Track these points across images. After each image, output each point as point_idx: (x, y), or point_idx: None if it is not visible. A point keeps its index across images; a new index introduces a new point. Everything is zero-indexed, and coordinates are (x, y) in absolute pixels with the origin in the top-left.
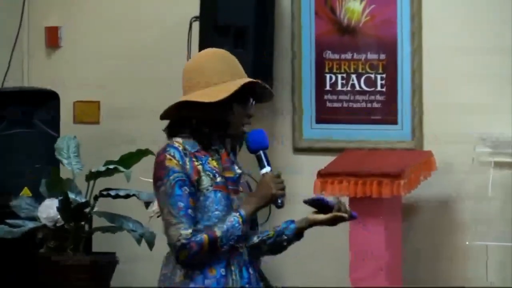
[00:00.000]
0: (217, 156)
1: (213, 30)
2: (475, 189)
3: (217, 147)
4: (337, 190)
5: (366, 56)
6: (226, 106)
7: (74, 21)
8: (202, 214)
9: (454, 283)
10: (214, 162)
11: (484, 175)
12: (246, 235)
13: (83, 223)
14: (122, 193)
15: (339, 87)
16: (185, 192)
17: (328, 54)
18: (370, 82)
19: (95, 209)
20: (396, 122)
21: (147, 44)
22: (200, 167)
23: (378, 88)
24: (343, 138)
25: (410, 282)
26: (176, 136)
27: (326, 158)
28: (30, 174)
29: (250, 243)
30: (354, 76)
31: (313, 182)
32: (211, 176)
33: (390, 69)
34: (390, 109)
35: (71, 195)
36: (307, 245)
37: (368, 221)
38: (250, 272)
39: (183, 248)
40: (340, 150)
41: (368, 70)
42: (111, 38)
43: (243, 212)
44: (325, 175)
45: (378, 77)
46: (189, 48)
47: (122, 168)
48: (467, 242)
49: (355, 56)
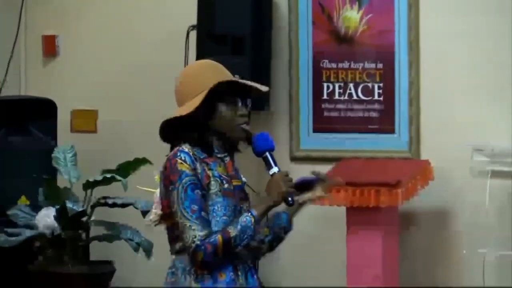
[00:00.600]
0: (223, 164)
1: (210, 38)
2: (472, 198)
3: (222, 156)
4: (334, 199)
5: (363, 65)
6: (211, 110)
7: (72, 29)
8: (209, 218)
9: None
10: (221, 169)
11: (481, 184)
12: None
13: (81, 232)
14: (119, 201)
15: (336, 96)
16: (198, 194)
17: (325, 63)
18: (368, 91)
19: (93, 218)
20: (393, 131)
21: (145, 52)
22: (210, 172)
23: (376, 97)
24: (340, 147)
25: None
26: (180, 144)
27: (323, 167)
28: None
29: (250, 247)
30: (351, 85)
31: None
32: (219, 181)
33: (388, 78)
34: (387, 118)
35: (69, 204)
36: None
37: (365, 230)
38: (254, 277)
39: (198, 249)
40: (337, 159)
41: (365, 79)
42: (108, 46)
43: (255, 212)
44: None
45: (376, 86)
46: (186, 56)
47: (119, 177)
48: (464, 251)
49: (353, 65)
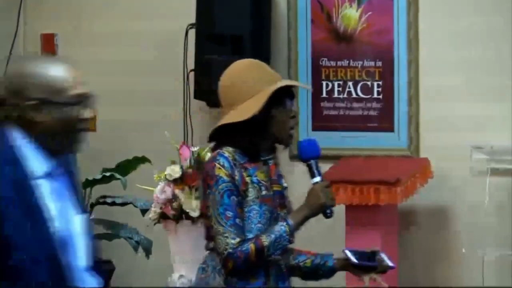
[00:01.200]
0: (265, 168)
1: (209, 37)
2: (472, 196)
3: (266, 158)
4: None
5: (362, 63)
6: (266, 113)
7: (70, 28)
8: (244, 224)
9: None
10: (262, 175)
11: (480, 183)
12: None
13: None
14: (118, 200)
15: (336, 95)
16: (233, 201)
17: (324, 62)
18: (367, 90)
19: (92, 216)
20: (392, 129)
21: (143, 51)
22: (248, 179)
23: (375, 95)
24: (340, 146)
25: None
26: (222, 147)
27: (322, 166)
28: None
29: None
30: (350, 83)
31: None
32: (258, 188)
33: (387, 76)
34: (386, 116)
35: None
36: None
37: (364, 228)
38: (286, 285)
39: (230, 257)
40: (336, 158)
41: (364, 77)
42: (107, 45)
43: (291, 221)
44: None
45: (375, 84)
46: (185, 55)
47: (118, 175)
48: (464, 250)
49: (352, 63)
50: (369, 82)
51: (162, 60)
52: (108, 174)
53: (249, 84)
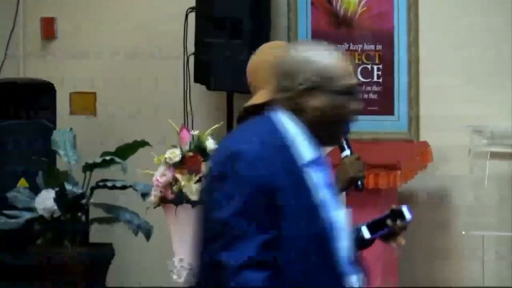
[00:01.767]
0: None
1: (209, 21)
2: (471, 179)
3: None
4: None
5: (362, 47)
6: None
7: (70, 11)
8: None
9: (451, 273)
10: None
11: (480, 166)
12: None
13: (80, 214)
14: (118, 184)
15: None
16: None
17: None
18: (367, 73)
19: (92, 200)
20: (392, 113)
21: (143, 34)
22: None
23: (375, 79)
24: None
25: (406, 272)
26: None
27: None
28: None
29: None
30: None
31: None
32: None
33: (387, 60)
34: (386, 100)
35: (68, 187)
36: None
37: (364, 212)
38: None
39: None
40: None
41: (364, 61)
42: (107, 28)
43: None
44: None
45: (375, 68)
46: (185, 38)
47: (118, 159)
48: (463, 232)
49: (352, 47)
50: (369, 66)
51: (162, 43)
52: (108, 158)
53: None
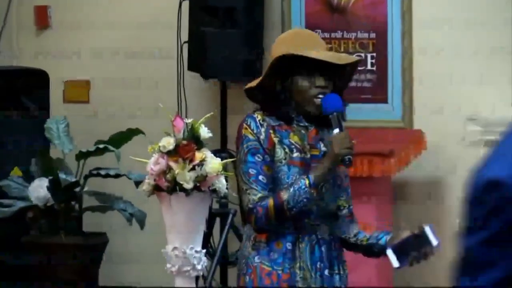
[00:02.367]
0: (302, 132)
1: (203, 9)
2: (466, 167)
3: (306, 125)
4: None
5: (356, 35)
6: (288, 81)
7: (63, 0)
8: (273, 185)
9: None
10: (296, 138)
11: (474, 154)
12: (326, 210)
13: (74, 203)
14: (112, 172)
15: None
16: (257, 159)
17: (318, 33)
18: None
19: (85, 188)
20: (386, 101)
21: (137, 22)
22: (276, 139)
23: (369, 67)
24: None
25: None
26: (255, 110)
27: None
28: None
29: (345, 237)
30: None
31: None
32: (287, 150)
33: (380, 48)
34: (380, 88)
35: (61, 175)
36: None
37: (358, 200)
38: (323, 250)
39: (251, 213)
40: None
41: (358, 49)
42: (101, 17)
43: (311, 175)
44: None
45: (368, 56)
46: (178, 27)
47: (112, 147)
48: (458, 220)
49: (345, 35)
50: (362, 54)
51: (156, 32)
52: (101, 146)
53: (275, 51)
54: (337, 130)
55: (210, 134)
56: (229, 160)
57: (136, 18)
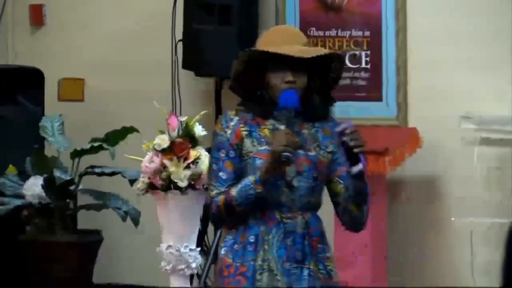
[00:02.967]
0: (275, 126)
1: (197, 8)
2: (461, 165)
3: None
4: None
5: (350, 33)
6: (262, 77)
7: None
8: (232, 178)
9: (440, 259)
10: (266, 131)
11: (469, 152)
12: (300, 204)
13: (68, 201)
14: (107, 170)
15: None
16: (221, 155)
17: (312, 31)
18: (355, 59)
19: (80, 186)
20: (380, 99)
21: (132, 20)
22: (244, 133)
23: (363, 65)
24: None
25: (395, 259)
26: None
27: None
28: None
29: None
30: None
31: None
32: (255, 143)
33: (375, 46)
34: (374, 86)
35: (56, 173)
36: None
37: None
38: (291, 244)
39: (208, 208)
40: None
41: (352, 47)
42: (95, 15)
43: (258, 172)
44: None
45: (363, 54)
46: (173, 24)
47: (107, 145)
48: (453, 218)
49: (340, 33)
50: (357, 52)
51: (151, 30)
52: (96, 145)
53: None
54: (282, 127)
55: (205, 132)
56: None
57: (131, 16)
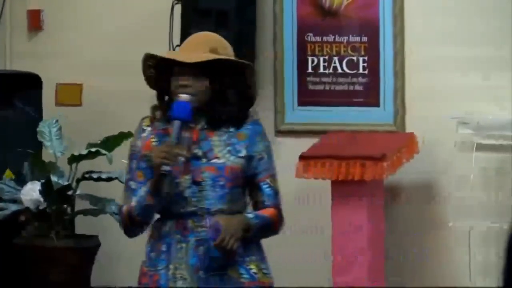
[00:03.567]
0: (186, 134)
1: (194, 13)
2: (458, 171)
3: (190, 124)
4: (319, 173)
5: (348, 38)
6: (167, 82)
7: (56, 4)
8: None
9: (438, 265)
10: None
11: (466, 157)
12: (208, 212)
13: (66, 206)
14: (104, 175)
15: (321, 70)
16: (132, 165)
17: (310, 37)
18: (352, 65)
19: (78, 192)
20: (378, 104)
21: (129, 26)
22: (154, 143)
23: (360, 70)
24: (325, 121)
25: (393, 264)
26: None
27: (308, 141)
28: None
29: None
30: (336, 58)
31: (295, 165)
32: None
33: (372, 51)
34: (372, 91)
35: (54, 178)
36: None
37: (350, 203)
38: (200, 252)
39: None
40: (322, 133)
41: (350, 52)
42: (93, 20)
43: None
44: (307, 158)
45: (360, 59)
46: (171, 30)
47: (104, 151)
48: (450, 224)
49: (337, 38)
50: (354, 57)
51: (148, 35)
52: (93, 150)
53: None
54: (171, 140)
55: None
56: None
57: (128, 21)
